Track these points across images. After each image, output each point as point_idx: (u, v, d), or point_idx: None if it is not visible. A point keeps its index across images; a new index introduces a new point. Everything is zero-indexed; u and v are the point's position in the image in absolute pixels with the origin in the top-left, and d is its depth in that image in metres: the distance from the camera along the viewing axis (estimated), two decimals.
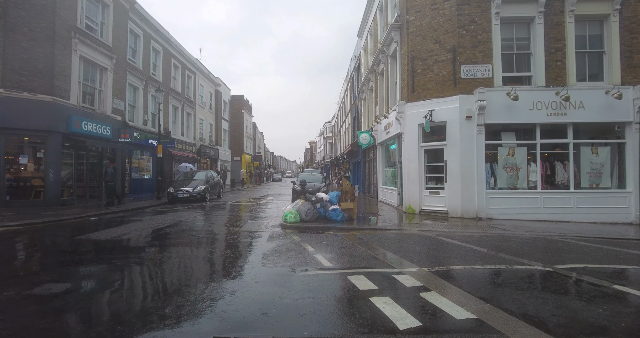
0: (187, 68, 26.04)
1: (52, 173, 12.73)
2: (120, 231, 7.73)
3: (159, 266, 4.86)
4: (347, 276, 4.36)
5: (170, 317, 3.06)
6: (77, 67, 13.98)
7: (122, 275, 4.55)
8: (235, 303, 3.40)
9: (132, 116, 18.80)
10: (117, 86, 16.73)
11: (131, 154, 18.79)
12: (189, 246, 6.35)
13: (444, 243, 6.67)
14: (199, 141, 28.13)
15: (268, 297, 3.58)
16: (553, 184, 10.79)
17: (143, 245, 6.44)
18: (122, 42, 17.21)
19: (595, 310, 3.31)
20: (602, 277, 4.38)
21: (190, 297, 3.54)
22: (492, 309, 3.31)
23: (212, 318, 3.05)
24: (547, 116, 10.43)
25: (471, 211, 10.61)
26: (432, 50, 11.18)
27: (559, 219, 10.41)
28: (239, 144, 40.92)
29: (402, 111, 11.98)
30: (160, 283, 4.26)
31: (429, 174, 11.70)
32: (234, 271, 4.66)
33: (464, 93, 10.63)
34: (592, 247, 6.52)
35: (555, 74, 10.50)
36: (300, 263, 5.00)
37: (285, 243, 6.50)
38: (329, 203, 9.90)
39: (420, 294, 3.73)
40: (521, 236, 7.69)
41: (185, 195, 15.99)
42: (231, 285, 4.01)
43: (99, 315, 3.25)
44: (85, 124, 14.06)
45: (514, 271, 4.69)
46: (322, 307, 3.30)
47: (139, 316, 3.14)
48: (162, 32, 21.38)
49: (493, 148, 10.76)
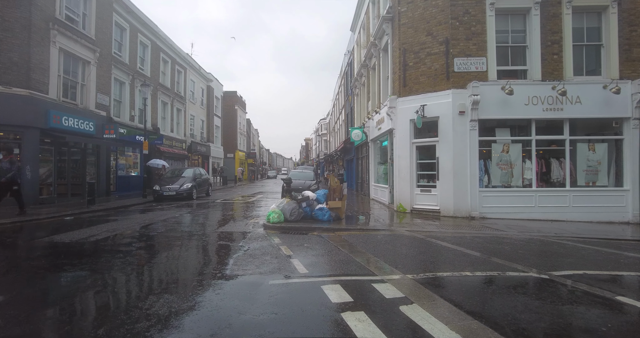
0: (177, 63, 25.41)
1: (29, 170, 12.20)
2: (89, 233, 7.25)
3: (112, 275, 4.39)
4: (322, 285, 3.93)
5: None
6: (56, 60, 13.39)
7: (68, 285, 4.09)
8: (184, 321, 2.96)
9: (118, 112, 18.23)
10: (101, 81, 16.15)
11: (117, 151, 18.22)
12: (156, 251, 5.90)
13: (433, 246, 6.26)
14: (189, 137, 27.56)
15: (225, 312, 3.15)
16: (548, 182, 10.43)
17: (106, 249, 5.95)
18: (106, 35, 16.61)
19: (599, 328, 2.90)
20: (603, 286, 3.98)
21: (135, 313, 3.10)
22: (480, 327, 2.89)
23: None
24: (543, 112, 10.04)
25: (464, 210, 10.22)
26: (425, 42, 10.73)
27: (554, 218, 10.06)
28: (232, 141, 40.34)
29: (394, 106, 11.54)
30: (106, 295, 3.78)
31: (421, 171, 11.30)
32: (196, 280, 4.21)
33: (457, 87, 10.21)
34: (590, 250, 6.14)
35: (551, 68, 10.10)
36: (273, 270, 4.57)
37: (263, 246, 6.06)
38: (315, 202, 9.46)
39: (400, 308, 3.31)
40: (515, 237, 7.30)
41: (171, 193, 15.49)
42: (188, 297, 3.57)
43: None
44: (66, 119, 13.50)
45: (507, 279, 4.28)
46: (283, 326, 2.86)
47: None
48: (150, 26, 20.75)
49: (487, 145, 10.36)
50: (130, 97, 18.92)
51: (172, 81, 24.35)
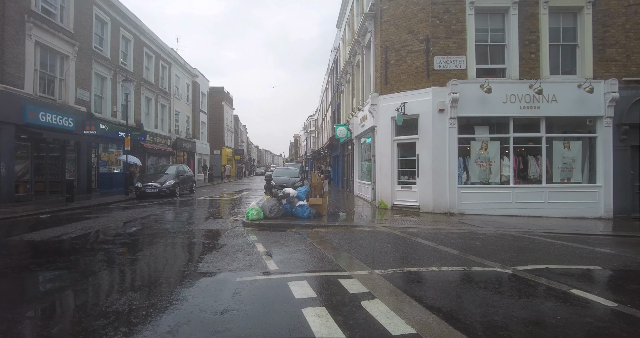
0: (162, 58, 25.01)
1: (4, 167, 11.89)
2: (62, 231, 7.13)
3: (78, 274, 4.34)
4: (289, 281, 3.97)
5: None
6: (32, 53, 13.04)
7: (30, 283, 4.04)
8: (145, 318, 2.96)
9: (100, 108, 17.87)
10: (81, 75, 15.80)
11: (99, 148, 17.89)
12: (128, 249, 5.85)
13: (406, 242, 6.36)
14: (174, 134, 27.21)
15: (187, 309, 3.15)
16: (526, 179, 10.66)
17: (77, 247, 5.87)
18: (86, 29, 16.23)
19: (548, 321, 3.01)
20: (561, 280, 4.12)
21: (93, 311, 3.08)
22: (436, 321, 2.97)
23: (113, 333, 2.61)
24: (521, 110, 10.23)
25: (443, 206, 10.38)
26: (406, 40, 10.80)
27: (530, 214, 10.30)
28: (219, 138, 39.98)
29: (375, 104, 11.61)
30: (68, 294, 3.74)
31: (402, 168, 11.42)
32: (163, 277, 4.20)
33: (437, 85, 10.33)
34: (558, 244, 6.33)
35: (529, 67, 10.29)
36: (243, 267, 4.58)
37: (238, 244, 6.06)
38: (296, 199, 9.49)
39: (362, 303, 3.37)
40: (489, 232, 7.47)
41: (153, 190, 15.32)
42: (152, 295, 3.56)
43: None
44: (43, 115, 13.18)
45: (472, 274, 4.39)
46: (242, 322, 2.89)
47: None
48: (133, 20, 20.34)
49: (466, 142, 10.52)
50: (112, 92, 18.57)
51: (156, 77, 23.97)
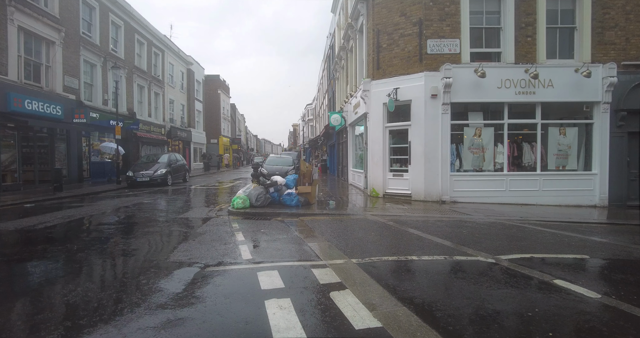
0: (154, 45, 24.47)
1: None
2: (41, 220, 6.97)
3: (43, 263, 4.18)
4: (259, 271, 3.80)
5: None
6: (15, 39, 12.66)
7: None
8: (95, 310, 2.79)
9: (90, 95, 17.52)
10: (68, 62, 15.42)
11: (90, 136, 17.63)
12: (104, 238, 5.68)
13: (391, 230, 6.18)
14: (169, 122, 26.87)
15: (144, 300, 2.98)
16: (520, 166, 10.44)
17: (50, 236, 5.70)
18: (72, 14, 15.76)
19: (525, 313, 2.84)
20: (545, 270, 3.94)
21: (42, 302, 2.91)
22: (406, 314, 2.80)
23: (53, 328, 2.43)
24: (516, 95, 9.94)
25: (434, 194, 10.20)
26: (398, 23, 10.42)
27: (524, 202, 10.12)
28: (216, 126, 39.60)
29: (367, 89, 11.30)
30: (25, 282, 3.57)
31: (394, 156, 11.19)
32: (129, 266, 4.03)
33: (430, 70, 10.00)
34: (548, 233, 6.15)
35: (525, 51, 9.94)
36: (216, 256, 4.41)
37: (218, 232, 5.89)
38: (285, 187, 9.30)
39: (331, 294, 3.20)
40: (478, 221, 7.29)
41: (144, 179, 15.14)
42: (110, 286, 3.39)
43: None
44: (29, 102, 12.88)
45: (452, 263, 4.21)
46: (197, 314, 2.72)
47: None
48: (122, 5, 19.77)
49: (459, 129, 10.26)
50: (102, 80, 18.19)
51: (148, 64, 23.50)
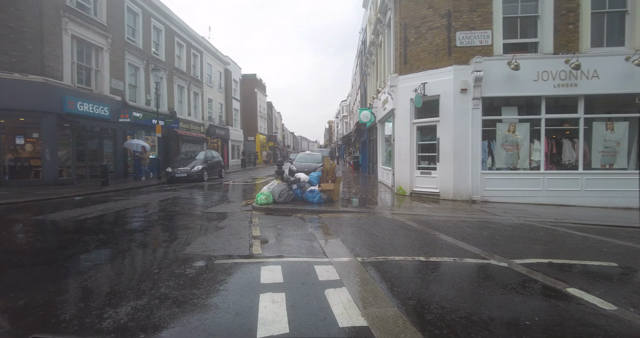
0: (193, 47, 25.66)
1: (48, 153, 12.98)
2: (83, 212, 7.67)
3: (72, 250, 4.63)
4: (263, 266, 3.94)
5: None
6: (69, 47, 13.90)
7: (29, 256, 4.35)
8: (107, 298, 3.07)
9: (134, 96, 18.82)
10: (115, 66, 16.66)
11: (134, 135, 18.93)
12: (132, 230, 6.13)
13: (407, 229, 6.07)
14: (207, 121, 28.10)
15: (142, 290, 3.22)
16: (559, 164, 9.72)
17: (86, 226, 6.24)
18: (118, 21, 16.97)
19: (522, 321, 2.71)
20: (560, 276, 3.69)
21: (67, 285, 3.25)
22: (395, 315, 2.78)
23: (60, 314, 2.73)
24: (555, 88, 9.24)
25: (464, 193, 9.81)
26: (426, 16, 10.08)
27: (563, 203, 9.43)
28: (253, 124, 40.75)
29: (394, 85, 11.08)
30: (50, 268, 3.99)
31: (422, 153, 10.89)
32: (143, 257, 4.35)
33: (460, 63, 9.59)
34: (579, 237, 5.71)
35: (565, 40, 9.20)
36: (229, 250, 4.63)
37: (236, 227, 6.14)
38: (308, 184, 9.43)
39: (326, 291, 3.25)
40: (505, 222, 6.93)
41: (182, 175, 16.02)
42: (122, 274, 3.69)
43: None
44: (81, 104, 14.10)
45: (459, 266, 4.08)
46: (189, 306, 2.89)
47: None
48: (163, 10, 20.95)
49: (491, 124, 9.76)
50: (145, 81, 19.44)
51: (188, 65, 24.70)
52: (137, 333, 2.43)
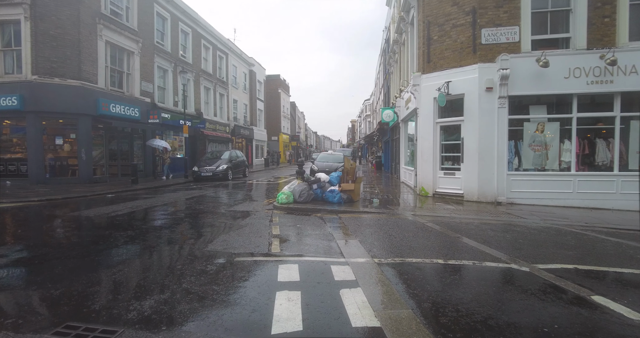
0: (218, 49, 26.31)
1: (84, 152, 13.75)
2: (114, 209, 8.10)
3: (99, 244, 4.91)
4: (281, 264, 4.04)
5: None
6: (103, 52, 14.65)
7: (58, 247, 4.66)
8: (133, 291, 3.26)
9: (163, 98, 19.56)
10: (144, 69, 17.39)
11: (163, 135, 19.67)
12: (157, 227, 6.41)
13: (427, 231, 5.99)
14: (232, 121, 28.75)
15: (162, 285, 3.39)
16: (592, 166, 9.25)
17: (115, 223, 6.58)
18: (148, 26, 17.70)
19: (540, 329, 2.64)
20: (585, 283, 3.55)
21: (95, 276, 3.48)
22: (409, 317, 2.79)
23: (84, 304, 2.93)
24: (588, 85, 8.81)
25: (489, 194, 9.54)
26: (450, 13, 9.87)
27: (596, 206, 8.98)
28: (276, 124, 41.28)
29: (417, 84, 10.92)
30: (86, 262, 4.25)
31: (445, 153, 10.67)
32: (168, 253, 4.55)
33: (485, 61, 9.33)
34: (611, 243, 5.43)
35: (600, 34, 8.74)
36: (250, 247, 4.76)
37: (257, 225, 6.29)
38: (328, 184, 9.49)
39: (341, 291, 3.30)
40: (530, 225, 6.69)
41: (208, 174, 16.51)
42: (146, 269, 3.89)
43: None
44: (114, 106, 14.83)
45: (478, 270, 4.00)
46: (209, 302, 3.02)
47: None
48: (190, 13, 21.62)
49: (518, 124, 9.43)
50: (173, 83, 20.15)
51: (214, 67, 25.36)
52: (159, 325, 2.58)
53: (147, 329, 2.51)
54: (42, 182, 13.07)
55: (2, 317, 2.71)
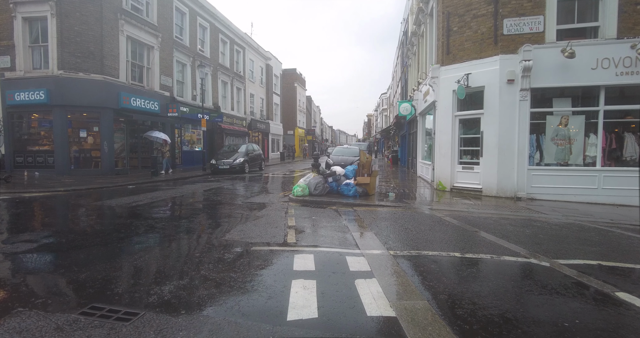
0: (236, 43, 26.47)
1: (106, 145, 14.19)
2: (135, 199, 8.35)
3: (118, 232, 5.07)
4: (297, 254, 4.09)
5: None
6: (124, 46, 14.99)
7: (80, 234, 4.85)
8: (154, 277, 3.37)
9: (182, 92, 19.88)
10: (164, 63, 17.69)
11: (181, 128, 20.05)
12: (177, 216, 6.58)
13: (445, 225, 5.91)
14: (249, 115, 28.98)
15: (180, 271, 3.48)
16: (619, 161, 8.88)
17: (136, 212, 6.78)
18: (167, 21, 17.96)
19: (560, 323, 2.58)
20: (609, 280, 3.43)
21: (109, 264, 3.61)
22: (425, 308, 2.78)
23: (101, 287, 3.05)
24: (617, 76, 8.42)
25: (509, 189, 9.31)
26: (471, 4, 9.59)
27: (623, 202, 8.61)
28: (292, 118, 41.37)
29: (436, 76, 10.70)
30: (109, 249, 4.40)
31: (464, 147, 10.46)
32: (188, 241, 4.67)
33: (506, 52, 9.04)
34: (637, 239, 5.23)
35: (632, 22, 8.31)
36: (266, 237, 4.84)
37: (273, 216, 6.36)
38: (343, 177, 9.48)
39: (356, 281, 3.31)
40: (551, 221, 6.51)
41: (225, 167, 16.74)
42: (168, 256, 4.00)
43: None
44: (134, 100, 15.19)
45: (496, 263, 3.93)
46: (226, 288, 3.09)
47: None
48: (208, 8, 21.80)
49: (540, 117, 9.13)
50: (191, 77, 20.45)
51: (231, 61, 25.56)
52: (179, 309, 2.66)
53: (167, 312, 2.60)
54: (67, 173, 13.58)
55: (33, 297, 2.86)
